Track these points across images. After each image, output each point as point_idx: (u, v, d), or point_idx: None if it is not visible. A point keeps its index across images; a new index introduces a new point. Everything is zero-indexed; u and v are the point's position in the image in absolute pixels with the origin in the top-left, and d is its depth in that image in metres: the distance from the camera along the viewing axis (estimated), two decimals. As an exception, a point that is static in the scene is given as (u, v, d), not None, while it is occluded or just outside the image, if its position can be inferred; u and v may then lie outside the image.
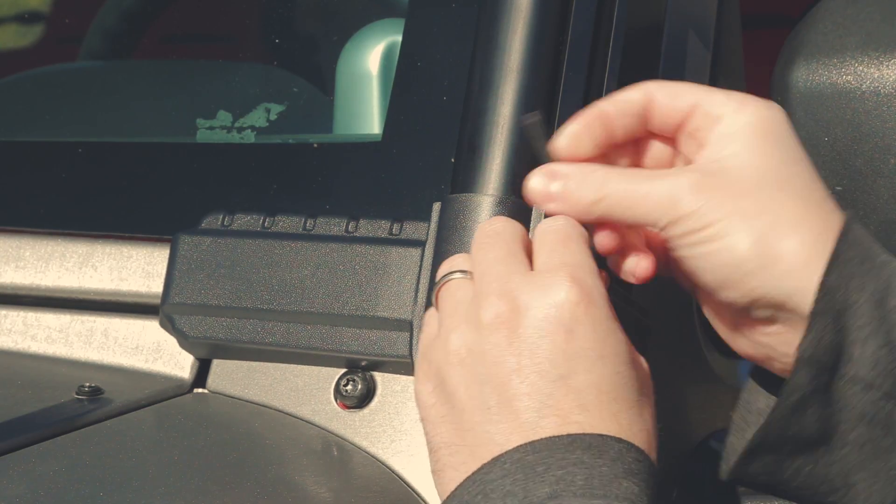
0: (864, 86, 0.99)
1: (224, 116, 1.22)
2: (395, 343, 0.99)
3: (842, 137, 0.99)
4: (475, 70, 0.98)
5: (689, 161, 0.86)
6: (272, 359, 1.05)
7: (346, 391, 1.02)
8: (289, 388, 1.04)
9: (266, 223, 1.05)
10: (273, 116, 1.22)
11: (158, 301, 1.07)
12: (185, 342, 1.06)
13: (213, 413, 1.05)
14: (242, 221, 1.06)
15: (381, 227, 1.02)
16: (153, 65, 1.56)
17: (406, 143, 1.08)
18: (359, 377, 1.02)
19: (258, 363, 1.06)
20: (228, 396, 1.06)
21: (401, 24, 1.14)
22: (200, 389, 1.07)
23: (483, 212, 0.94)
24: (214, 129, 1.21)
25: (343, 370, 1.03)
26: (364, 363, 1.01)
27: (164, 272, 1.07)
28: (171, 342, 1.08)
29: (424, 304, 0.97)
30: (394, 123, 1.09)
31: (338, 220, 1.04)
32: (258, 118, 1.21)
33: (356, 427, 1.01)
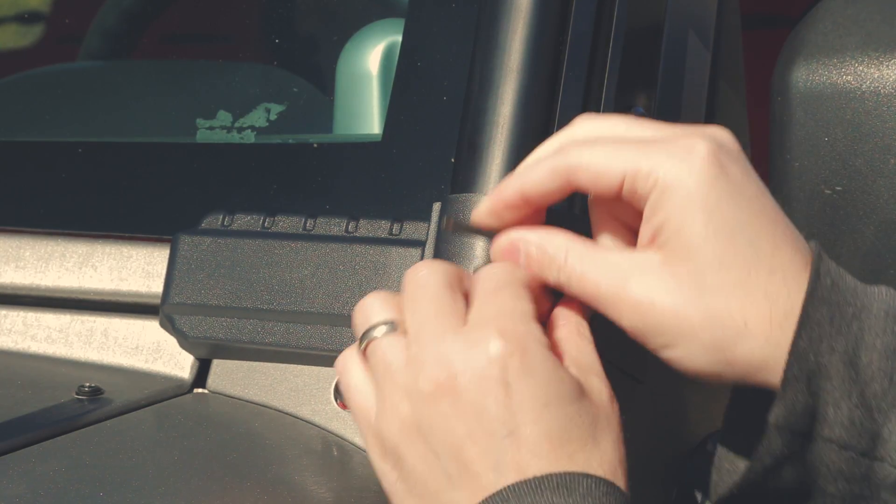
0: (864, 86, 0.98)
1: (224, 116, 1.22)
2: (395, 343, 0.99)
3: (842, 137, 0.99)
4: (475, 70, 0.98)
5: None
6: (272, 359, 1.05)
7: (346, 391, 1.02)
8: (289, 388, 1.04)
9: (266, 223, 1.05)
10: (273, 116, 1.21)
11: (158, 301, 1.07)
12: (185, 342, 1.06)
13: (213, 413, 1.05)
14: (242, 221, 1.06)
15: (381, 227, 1.02)
16: (153, 65, 1.56)
17: (406, 143, 1.07)
18: (359, 377, 1.01)
19: (258, 363, 1.06)
20: (228, 396, 1.06)
21: (401, 24, 1.14)
22: (200, 389, 1.07)
23: (483, 212, 0.93)
24: (214, 129, 1.21)
25: (343, 370, 1.03)
26: (364, 363, 1.01)
27: (164, 272, 1.07)
28: (171, 342, 1.08)
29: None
30: (394, 123, 1.09)
31: (338, 220, 1.03)
32: (258, 118, 1.21)
33: (356, 427, 1.01)
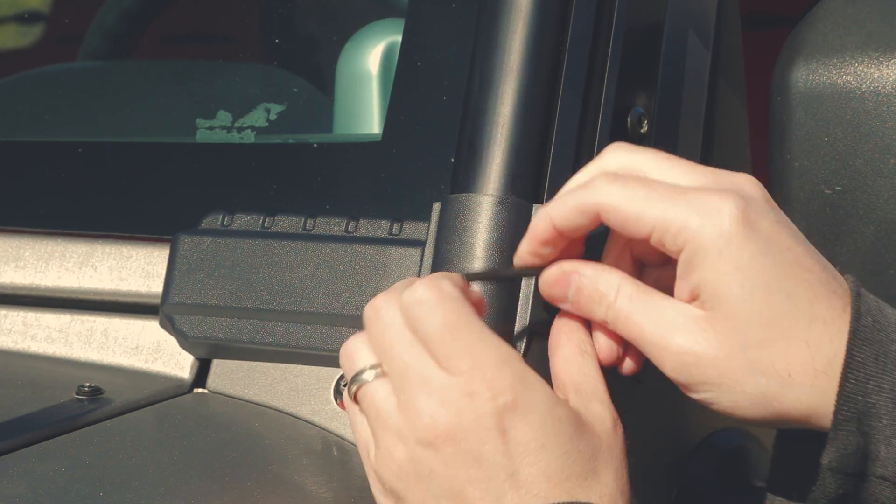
0: (864, 86, 0.98)
1: (224, 116, 1.22)
2: (395, 343, 0.99)
3: (842, 137, 0.99)
4: (475, 70, 0.98)
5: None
6: (272, 359, 1.05)
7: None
8: (289, 388, 1.04)
9: (266, 223, 1.05)
10: (273, 116, 1.21)
11: (158, 301, 1.07)
12: (185, 342, 1.06)
13: (213, 413, 1.05)
14: (242, 221, 1.06)
15: (381, 227, 1.02)
16: (153, 65, 1.56)
17: (406, 143, 1.07)
18: (359, 377, 1.01)
19: (258, 363, 1.05)
20: (228, 396, 1.06)
21: (401, 24, 1.14)
22: (200, 389, 1.07)
23: (483, 211, 0.93)
24: (214, 129, 1.21)
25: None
26: (364, 363, 1.01)
27: (164, 272, 1.07)
28: (171, 342, 1.08)
29: None
30: (394, 123, 1.09)
31: (338, 220, 1.03)
32: (258, 118, 1.21)
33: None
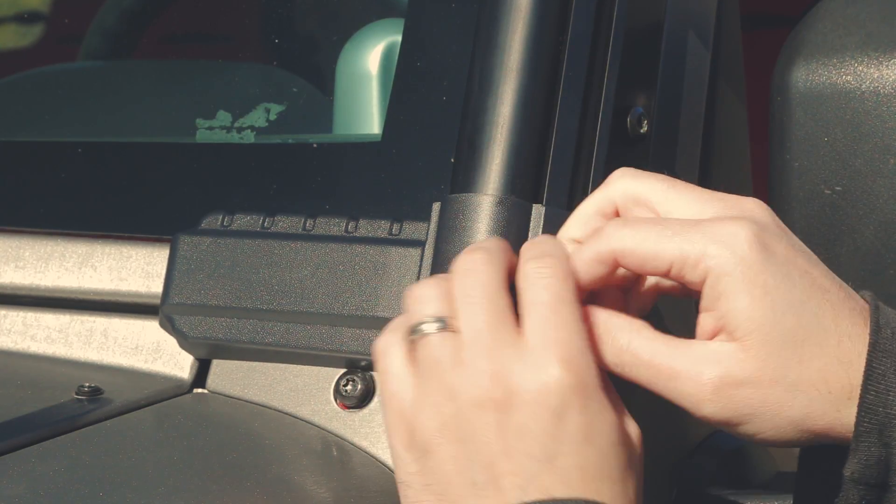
0: (864, 86, 0.98)
1: (224, 116, 1.22)
2: (395, 343, 0.99)
3: (842, 137, 0.99)
4: (475, 70, 0.98)
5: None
6: (272, 359, 1.05)
7: (346, 391, 1.02)
8: (289, 388, 1.04)
9: (266, 223, 1.05)
10: (273, 116, 1.21)
11: (158, 301, 1.07)
12: (185, 342, 1.06)
13: (213, 413, 1.05)
14: (242, 221, 1.06)
15: (381, 227, 1.02)
16: (153, 65, 1.56)
17: (406, 143, 1.07)
18: (358, 377, 1.02)
19: (258, 363, 1.06)
20: (228, 396, 1.06)
21: (401, 24, 1.14)
22: (200, 389, 1.07)
23: (483, 211, 0.94)
24: (214, 129, 1.21)
25: (343, 370, 1.03)
26: (364, 363, 1.01)
27: (164, 272, 1.07)
28: (171, 342, 1.08)
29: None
30: (394, 123, 1.09)
31: (338, 220, 1.03)
32: (258, 118, 1.21)
33: (356, 427, 1.01)
